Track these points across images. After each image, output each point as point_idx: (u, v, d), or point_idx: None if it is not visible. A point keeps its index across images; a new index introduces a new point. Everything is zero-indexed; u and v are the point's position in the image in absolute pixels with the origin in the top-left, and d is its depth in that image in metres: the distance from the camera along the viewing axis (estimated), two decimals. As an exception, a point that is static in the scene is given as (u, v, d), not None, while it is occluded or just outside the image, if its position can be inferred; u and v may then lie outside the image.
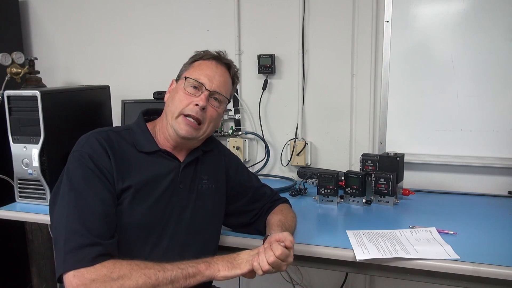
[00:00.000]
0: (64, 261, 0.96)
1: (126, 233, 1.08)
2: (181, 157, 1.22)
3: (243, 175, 1.38)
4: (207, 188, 1.26)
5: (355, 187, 1.66)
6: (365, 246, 1.24)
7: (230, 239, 1.36)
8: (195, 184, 1.23)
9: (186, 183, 1.21)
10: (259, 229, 1.33)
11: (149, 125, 1.24)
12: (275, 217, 1.29)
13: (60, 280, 0.97)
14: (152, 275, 0.96)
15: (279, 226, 1.21)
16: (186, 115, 1.16)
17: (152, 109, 1.30)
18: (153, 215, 1.13)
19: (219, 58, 1.25)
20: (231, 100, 1.34)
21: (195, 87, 1.19)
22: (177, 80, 1.26)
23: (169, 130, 1.18)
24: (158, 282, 0.96)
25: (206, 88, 1.18)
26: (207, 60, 1.24)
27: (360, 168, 1.76)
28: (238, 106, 2.16)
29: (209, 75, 1.19)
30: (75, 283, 0.94)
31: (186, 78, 1.20)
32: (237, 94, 2.15)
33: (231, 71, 1.26)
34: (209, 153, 1.30)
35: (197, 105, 1.16)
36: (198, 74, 1.20)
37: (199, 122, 1.17)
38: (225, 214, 1.33)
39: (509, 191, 1.80)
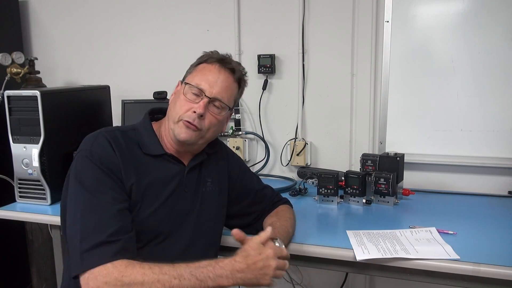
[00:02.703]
0: (81, 260, 0.96)
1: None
2: (185, 161, 1.22)
3: (246, 177, 1.38)
4: (211, 191, 1.26)
5: (355, 187, 1.66)
6: (365, 246, 1.24)
7: (231, 239, 1.35)
8: (200, 187, 1.23)
9: (191, 186, 1.21)
10: (259, 230, 1.33)
11: (155, 126, 1.23)
12: (268, 220, 1.30)
13: (77, 278, 0.96)
14: (167, 283, 0.93)
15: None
16: (186, 121, 1.15)
17: (157, 108, 1.28)
18: (158, 218, 1.12)
19: (224, 62, 1.21)
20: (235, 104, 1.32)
21: (195, 93, 1.16)
22: (181, 82, 1.24)
23: (170, 133, 1.18)
24: None
25: (205, 95, 1.16)
26: (211, 63, 1.20)
27: (360, 168, 1.76)
28: (238, 106, 2.16)
29: (210, 81, 1.17)
30: (91, 285, 0.93)
31: (186, 84, 1.18)
32: (237, 94, 2.15)
33: (236, 75, 1.23)
34: (213, 155, 1.30)
35: (195, 112, 1.14)
36: (199, 79, 1.17)
37: (197, 128, 1.16)
38: (226, 215, 1.33)
39: (509, 191, 1.80)
